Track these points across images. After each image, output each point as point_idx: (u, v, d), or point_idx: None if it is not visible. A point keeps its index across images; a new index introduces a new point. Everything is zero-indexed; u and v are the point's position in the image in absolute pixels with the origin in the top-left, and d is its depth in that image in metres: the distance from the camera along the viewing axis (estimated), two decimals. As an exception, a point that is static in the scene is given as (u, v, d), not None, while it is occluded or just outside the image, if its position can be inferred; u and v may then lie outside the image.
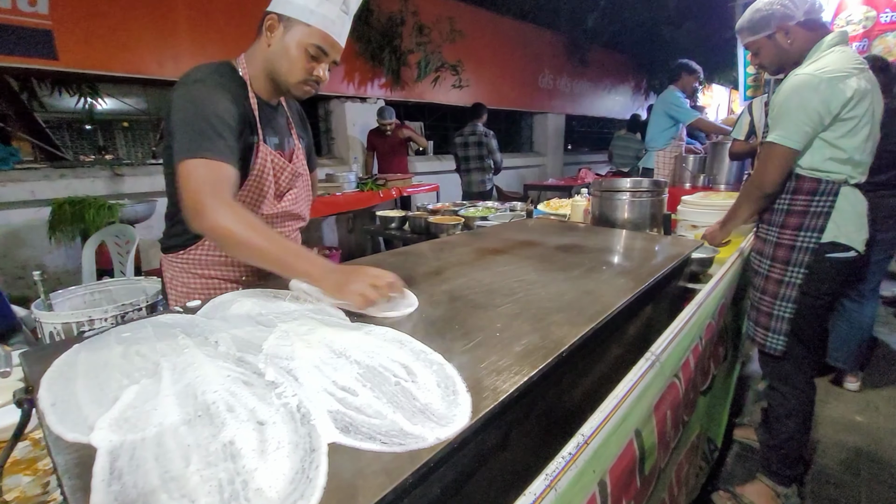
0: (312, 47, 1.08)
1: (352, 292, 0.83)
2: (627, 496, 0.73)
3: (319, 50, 1.08)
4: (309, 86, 1.14)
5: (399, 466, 0.46)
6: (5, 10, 2.84)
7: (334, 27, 1.08)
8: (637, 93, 10.05)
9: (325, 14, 1.06)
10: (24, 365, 0.68)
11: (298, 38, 1.07)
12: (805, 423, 1.59)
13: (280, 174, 1.22)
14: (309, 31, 1.07)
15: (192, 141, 0.96)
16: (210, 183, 0.92)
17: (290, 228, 1.33)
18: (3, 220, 3.09)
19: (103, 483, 0.44)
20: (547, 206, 2.64)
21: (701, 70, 3.83)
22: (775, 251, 1.49)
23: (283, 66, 1.11)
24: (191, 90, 1.03)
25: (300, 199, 1.31)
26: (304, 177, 1.32)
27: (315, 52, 1.08)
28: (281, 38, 1.09)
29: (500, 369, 0.64)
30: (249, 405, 0.55)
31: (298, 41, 1.07)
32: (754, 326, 1.58)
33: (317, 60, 1.11)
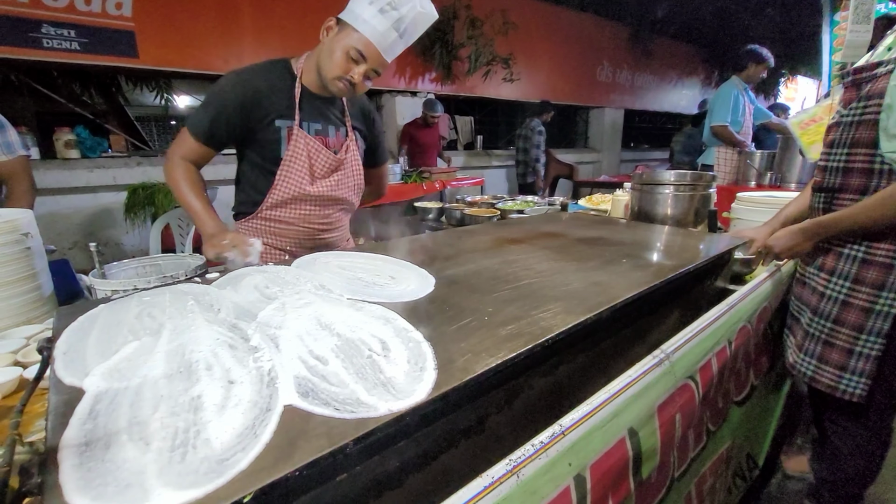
0: (353, 50, 1.22)
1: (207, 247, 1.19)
2: (616, 497, 0.69)
3: (359, 54, 1.22)
4: (342, 83, 1.27)
5: (343, 432, 0.46)
6: (96, 14, 3.18)
7: (380, 39, 1.21)
8: (707, 86, 9.37)
9: (375, 25, 1.19)
10: (55, 319, 0.76)
11: (345, 40, 1.23)
12: (874, 464, 1.35)
13: (316, 157, 1.37)
14: (356, 36, 1.21)
15: (191, 114, 1.31)
16: (176, 144, 1.30)
17: (333, 210, 1.47)
18: (91, 202, 3.48)
19: (79, 421, 0.48)
20: (588, 200, 2.53)
21: (771, 58, 3.47)
22: (861, 271, 1.18)
23: (326, 61, 1.26)
24: (223, 78, 1.31)
25: (343, 185, 1.44)
26: (349, 164, 1.44)
27: (355, 55, 1.22)
28: (333, 38, 1.25)
29: (476, 351, 0.63)
30: (226, 366, 0.58)
31: (344, 42, 1.23)
32: (816, 364, 1.27)
33: (355, 63, 1.24)
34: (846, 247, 1.22)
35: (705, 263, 1.09)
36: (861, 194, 1.16)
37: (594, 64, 7.18)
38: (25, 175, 1.84)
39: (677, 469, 0.95)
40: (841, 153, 1.20)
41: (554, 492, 0.57)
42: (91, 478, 0.40)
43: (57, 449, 0.43)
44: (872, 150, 1.11)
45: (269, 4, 3.97)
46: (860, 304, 1.19)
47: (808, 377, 1.30)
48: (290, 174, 1.34)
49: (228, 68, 4.02)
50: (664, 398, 0.79)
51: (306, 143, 1.33)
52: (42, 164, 3.24)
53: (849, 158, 1.18)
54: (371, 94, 5.31)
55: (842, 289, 1.22)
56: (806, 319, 1.31)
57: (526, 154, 4.60)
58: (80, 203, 3.38)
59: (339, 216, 1.52)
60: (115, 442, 0.44)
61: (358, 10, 1.20)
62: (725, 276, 1.34)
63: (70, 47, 3.12)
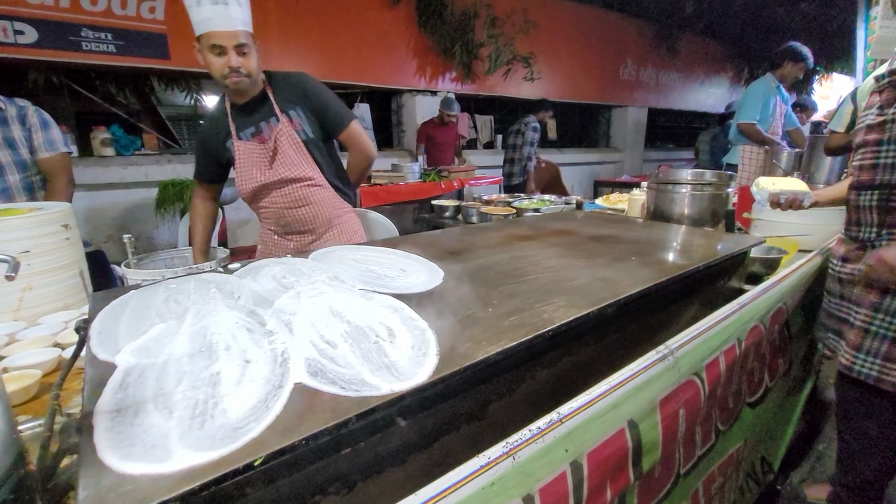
0: (212, 48, 1.34)
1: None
2: (615, 485, 0.71)
3: (215, 47, 1.34)
4: (235, 76, 1.40)
5: (346, 408, 0.49)
6: (131, 17, 3.33)
7: (213, 23, 1.31)
8: (736, 84, 9.10)
9: (201, 19, 1.31)
10: (91, 302, 0.82)
11: (203, 49, 1.37)
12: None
13: (252, 155, 1.55)
14: (204, 38, 1.34)
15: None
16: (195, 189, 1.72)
17: (293, 188, 1.58)
18: (125, 198, 3.64)
19: (112, 391, 0.53)
20: (605, 200, 2.52)
21: (811, 58, 3.33)
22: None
23: (211, 73, 1.41)
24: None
25: (283, 165, 1.55)
26: (287, 146, 1.55)
27: (215, 50, 1.35)
28: (201, 55, 1.39)
29: (478, 339, 0.65)
30: (243, 346, 0.63)
31: (205, 50, 1.36)
32: (882, 363, 1.21)
33: (223, 54, 1.35)
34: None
35: (716, 263, 1.09)
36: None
37: (617, 62, 7.08)
38: (65, 171, 1.95)
39: (683, 465, 0.96)
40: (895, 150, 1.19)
41: (550, 476, 0.60)
42: (121, 439, 0.44)
43: (92, 414, 0.48)
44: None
45: (295, 8, 4.07)
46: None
47: (872, 377, 1.24)
48: (239, 178, 1.58)
49: (254, 69, 3.93)
50: (667, 393, 0.80)
51: (244, 147, 1.54)
52: (80, 161, 3.41)
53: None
54: (390, 94, 5.37)
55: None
56: (862, 318, 1.25)
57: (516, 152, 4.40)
58: (114, 198, 3.55)
59: (305, 192, 1.59)
60: (143, 410, 0.49)
61: (193, 19, 1.33)
62: (741, 277, 1.33)
63: (106, 50, 3.27)
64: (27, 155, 1.87)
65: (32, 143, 1.88)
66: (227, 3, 1.32)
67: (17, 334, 1.03)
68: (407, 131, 5.39)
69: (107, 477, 0.40)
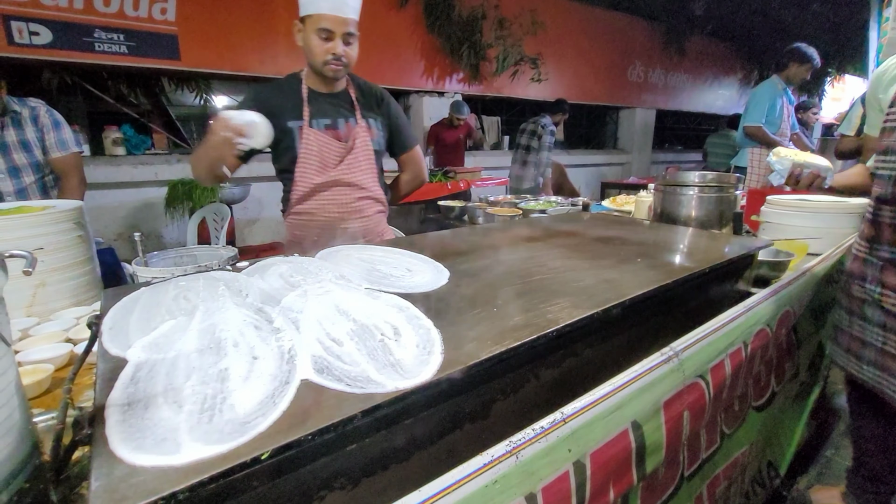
0: (320, 31, 1.31)
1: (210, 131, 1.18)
2: (618, 486, 0.71)
3: (326, 31, 1.31)
4: (332, 64, 1.37)
5: (352, 404, 0.50)
6: (143, 19, 3.37)
7: (327, 5, 1.29)
8: (745, 85, 9.03)
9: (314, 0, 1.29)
10: (102, 299, 0.84)
11: (310, 29, 1.33)
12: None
13: (326, 149, 1.47)
14: (313, 18, 1.31)
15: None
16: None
17: (350, 198, 1.54)
18: (135, 197, 3.69)
19: (123, 385, 0.54)
20: (612, 202, 2.51)
21: (817, 58, 3.30)
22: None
23: (310, 57, 1.38)
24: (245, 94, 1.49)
25: (354, 168, 1.52)
26: (358, 149, 1.52)
27: (324, 34, 1.32)
28: (303, 36, 1.36)
29: (482, 339, 0.66)
30: (251, 343, 0.64)
31: (311, 31, 1.33)
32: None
33: (329, 40, 1.33)
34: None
35: (723, 265, 1.09)
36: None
37: (625, 63, 7.05)
38: (77, 170, 1.99)
39: (687, 468, 0.95)
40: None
41: (552, 475, 0.60)
42: (132, 432, 0.45)
43: (104, 407, 0.49)
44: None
45: (303, 8, 4.10)
46: None
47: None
48: (304, 169, 1.47)
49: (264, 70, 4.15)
50: (671, 395, 0.80)
51: (316, 137, 1.45)
52: (91, 160, 3.47)
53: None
54: (398, 95, 5.39)
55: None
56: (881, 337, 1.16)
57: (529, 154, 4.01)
58: (124, 197, 3.59)
59: (360, 205, 1.57)
60: (153, 404, 0.50)
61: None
62: (748, 280, 1.32)
63: (119, 50, 3.32)
64: (41, 156, 1.91)
65: (45, 143, 1.92)
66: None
67: (31, 330, 1.05)
68: (415, 132, 5.41)
69: (118, 468, 0.41)
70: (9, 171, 1.87)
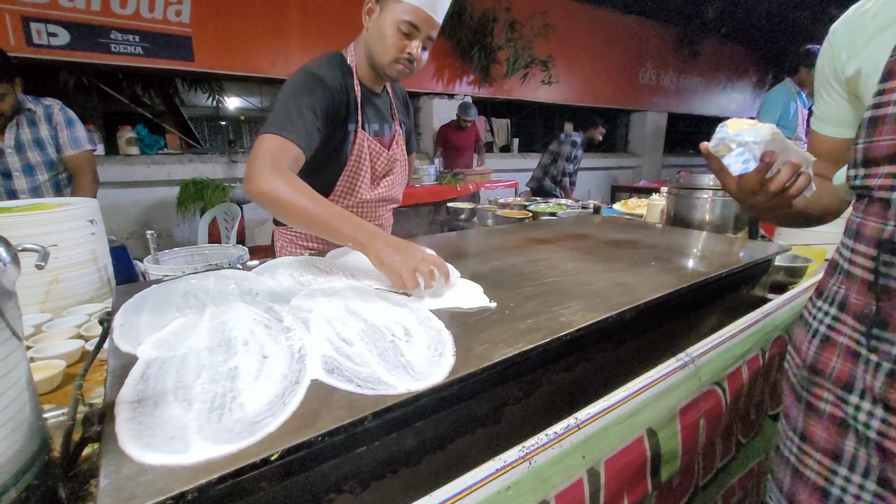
0: (404, 24, 1.10)
1: (390, 268, 0.81)
2: (632, 495, 0.69)
3: (411, 26, 1.10)
4: (401, 64, 1.16)
5: (363, 406, 0.49)
6: (158, 21, 3.42)
7: (426, 0, 1.09)
8: (759, 89, 8.91)
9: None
10: (114, 296, 0.84)
11: (392, 17, 1.10)
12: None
13: (376, 160, 1.30)
14: (402, 7, 1.09)
15: (275, 119, 1.03)
16: (270, 154, 0.96)
17: (384, 210, 1.42)
18: (148, 196, 3.73)
19: (133, 382, 0.53)
20: (623, 205, 2.49)
21: None
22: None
23: (378, 46, 1.15)
24: (296, 77, 1.13)
25: (396, 184, 1.40)
26: (401, 162, 1.40)
27: (407, 28, 1.10)
28: (377, 19, 1.13)
29: (495, 341, 0.65)
30: (261, 342, 0.63)
31: (392, 19, 1.10)
32: None
33: (409, 37, 1.12)
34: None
35: (739, 270, 1.06)
36: None
37: (637, 66, 7.00)
38: (90, 168, 2.01)
39: (702, 477, 0.93)
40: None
41: (566, 482, 0.58)
42: (141, 430, 0.45)
43: (114, 404, 0.49)
44: None
45: (316, 11, 4.13)
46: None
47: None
48: (354, 180, 1.28)
49: (276, 71, 4.17)
50: (687, 401, 0.78)
51: (369, 146, 1.26)
52: (105, 159, 3.51)
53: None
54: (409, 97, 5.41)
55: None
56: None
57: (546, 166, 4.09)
58: (137, 196, 3.64)
59: (388, 215, 1.49)
60: (163, 401, 0.49)
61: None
62: (765, 285, 1.29)
63: (134, 52, 3.37)
64: (54, 154, 1.94)
65: (58, 142, 1.94)
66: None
67: (44, 325, 1.06)
68: (424, 134, 5.41)
69: (127, 466, 0.40)
70: (23, 169, 1.90)
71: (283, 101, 1.08)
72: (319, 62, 1.19)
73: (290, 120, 1.03)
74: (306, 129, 1.04)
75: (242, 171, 4.08)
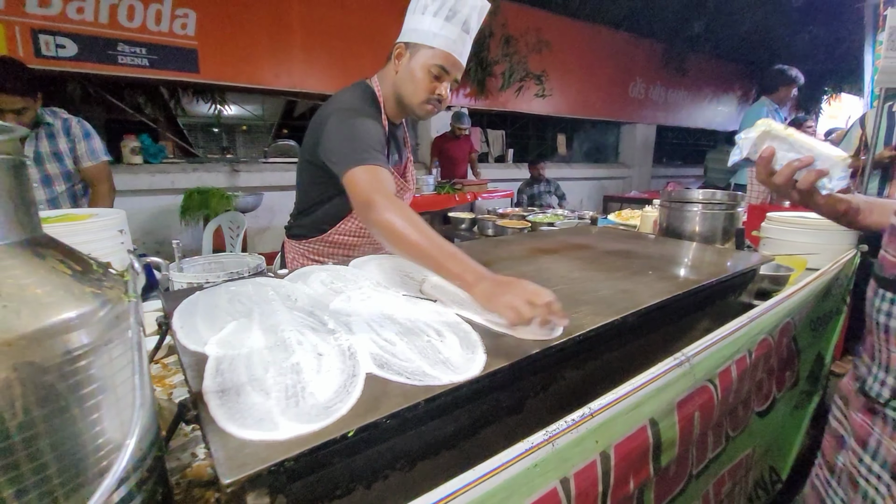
0: (435, 67, 1.19)
1: (504, 305, 0.76)
2: (637, 477, 0.78)
3: (442, 70, 1.20)
4: (431, 104, 1.26)
5: (415, 394, 0.58)
6: (164, 33, 3.50)
7: (455, 46, 1.19)
8: (744, 103, 9.21)
9: (447, 35, 1.17)
10: (163, 301, 0.92)
11: (423, 61, 1.20)
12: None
13: (398, 187, 1.39)
14: (432, 52, 1.19)
15: (353, 153, 1.09)
16: (374, 183, 1.03)
17: None
18: (152, 204, 3.78)
19: (211, 375, 0.62)
20: (618, 216, 2.60)
21: (800, 77, 3.45)
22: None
23: (409, 87, 1.24)
24: (346, 117, 1.19)
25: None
26: (411, 191, 1.49)
27: (438, 71, 1.20)
28: (407, 63, 1.22)
29: (518, 342, 0.74)
30: (313, 342, 0.72)
31: (423, 63, 1.20)
32: None
33: (439, 80, 1.22)
34: None
35: (728, 278, 1.17)
36: None
37: (626, 80, 7.21)
38: (107, 178, 2.08)
39: (696, 466, 1.02)
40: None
41: (583, 463, 0.67)
42: (232, 413, 0.53)
43: (201, 393, 0.57)
44: None
45: (318, 23, 4.24)
46: None
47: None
48: None
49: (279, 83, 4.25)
50: (684, 396, 0.88)
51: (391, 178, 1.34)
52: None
53: None
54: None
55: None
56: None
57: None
58: (140, 204, 3.68)
59: None
60: (243, 391, 0.58)
61: (424, 26, 1.18)
62: (751, 292, 1.41)
63: (141, 63, 3.44)
64: (72, 165, 2.00)
65: (76, 154, 2.01)
66: (469, 35, 1.21)
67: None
68: (421, 145, 5.53)
69: (231, 441, 0.48)
70: (42, 181, 1.96)
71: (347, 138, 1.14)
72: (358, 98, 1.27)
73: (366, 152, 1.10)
74: (381, 157, 1.13)
75: (245, 181, 4.14)
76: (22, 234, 0.38)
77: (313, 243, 1.49)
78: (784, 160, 0.93)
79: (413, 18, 1.21)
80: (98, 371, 0.38)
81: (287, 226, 1.58)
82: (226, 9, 3.73)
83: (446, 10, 1.16)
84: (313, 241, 1.49)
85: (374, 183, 1.03)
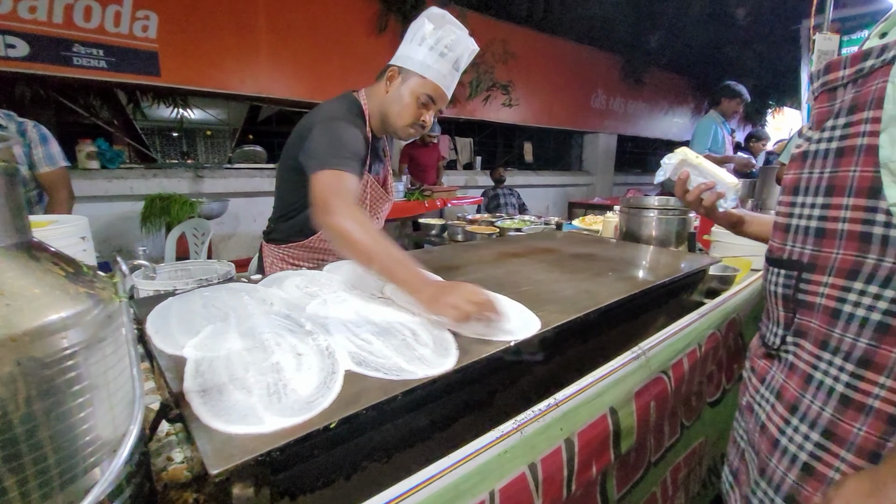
0: (424, 96, 1.28)
1: (446, 305, 0.80)
2: (599, 462, 0.84)
3: (429, 99, 1.29)
4: (414, 129, 1.34)
5: (393, 388, 0.62)
6: (123, 35, 3.39)
7: (445, 80, 1.28)
8: (697, 114, 9.75)
9: (439, 69, 1.26)
10: (135, 308, 0.91)
11: (413, 88, 1.28)
12: None
13: (375, 199, 1.46)
14: (423, 82, 1.27)
15: (326, 157, 1.15)
16: (336, 187, 1.07)
17: None
18: (107, 211, 3.62)
19: (191, 375, 0.63)
20: (581, 221, 2.72)
21: (745, 93, 3.74)
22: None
23: (395, 109, 1.31)
24: (331, 125, 1.24)
25: (382, 214, 1.57)
26: (390, 201, 1.56)
27: (425, 100, 1.29)
28: (398, 86, 1.30)
29: (486, 340, 0.79)
30: (292, 343, 0.74)
31: (413, 90, 1.28)
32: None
33: (426, 108, 1.31)
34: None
35: (680, 278, 1.27)
36: (849, 279, 0.66)
37: (589, 91, 7.51)
38: (66, 185, 2.00)
39: (654, 454, 1.10)
40: (812, 204, 0.73)
41: (549, 449, 0.73)
42: (217, 411, 0.55)
43: (182, 393, 0.58)
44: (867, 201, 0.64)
45: (285, 29, 4.21)
46: None
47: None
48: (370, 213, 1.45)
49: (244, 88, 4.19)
50: (640, 386, 0.95)
51: (372, 188, 1.43)
52: (62, 173, 3.39)
53: (826, 214, 0.70)
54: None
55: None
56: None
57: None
58: (97, 211, 3.52)
59: None
60: (225, 390, 0.60)
61: (419, 57, 1.25)
62: (701, 291, 1.52)
63: (98, 66, 3.31)
64: (26, 171, 1.92)
65: (32, 159, 1.92)
66: (458, 73, 1.31)
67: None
68: (391, 152, 5.55)
69: (217, 436, 0.50)
70: (-8, 186, 1.86)
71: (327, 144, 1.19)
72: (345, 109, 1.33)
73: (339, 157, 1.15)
74: (354, 165, 1.18)
75: (209, 187, 4.03)
76: (17, 237, 0.39)
77: (293, 248, 1.51)
78: (695, 182, 1.18)
79: (410, 47, 1.27)
80: (92, 367, 0.39)
81: (266, 230, 1.60)
82: (190, 12, 3.65)
83: (441, 47, 1.24)
84: (293, 246, 1.51)
85: (337, 187, 1.07)
